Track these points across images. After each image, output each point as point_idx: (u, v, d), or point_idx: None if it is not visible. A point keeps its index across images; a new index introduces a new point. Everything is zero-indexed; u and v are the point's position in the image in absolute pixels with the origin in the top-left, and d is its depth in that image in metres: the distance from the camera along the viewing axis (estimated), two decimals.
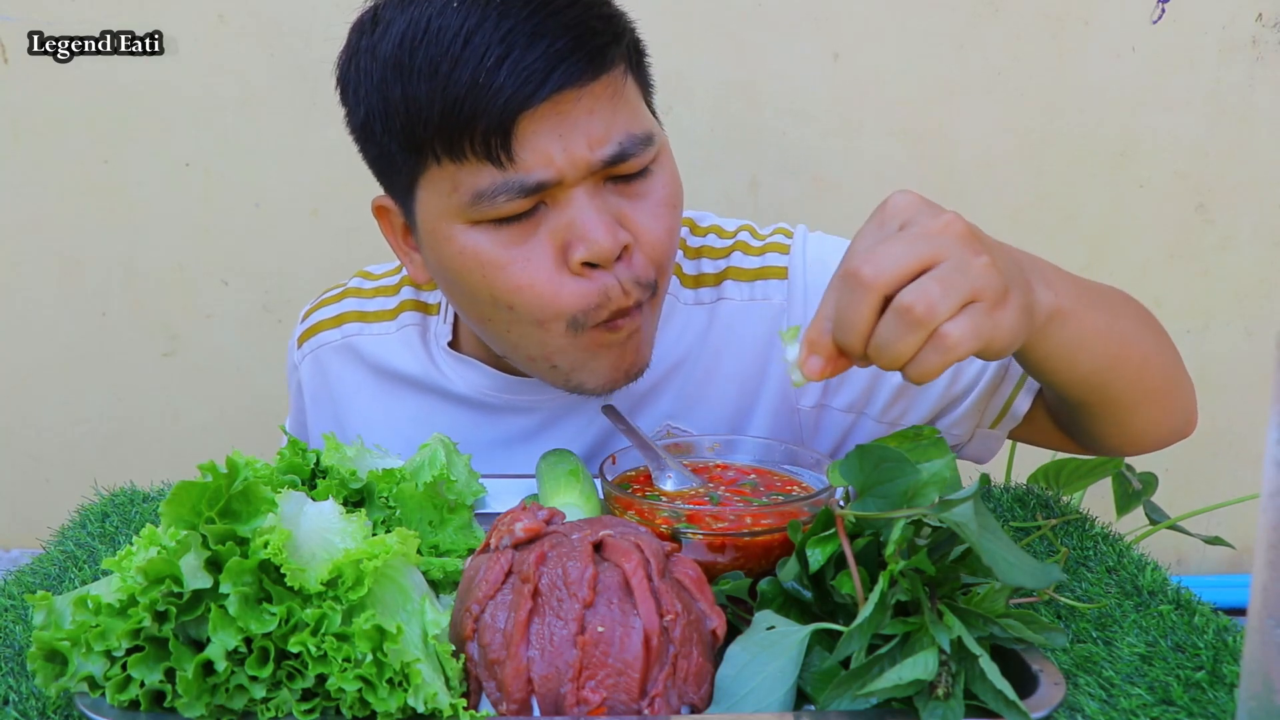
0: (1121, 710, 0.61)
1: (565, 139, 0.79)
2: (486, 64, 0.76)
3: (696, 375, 1.01)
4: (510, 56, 0.76)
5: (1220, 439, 1.88)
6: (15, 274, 1.75)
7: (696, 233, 1.05)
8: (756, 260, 1.01)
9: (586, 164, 0.80)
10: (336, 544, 0.60)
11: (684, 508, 0.72)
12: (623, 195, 0.84)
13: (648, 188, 0.85)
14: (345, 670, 0.54)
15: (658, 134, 0.86)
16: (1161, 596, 0.75)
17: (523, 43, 0.76)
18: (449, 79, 0.77)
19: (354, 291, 1.11)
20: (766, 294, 0.99)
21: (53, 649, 0.56)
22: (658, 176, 0.86)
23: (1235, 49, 1.72)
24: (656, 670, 0.58)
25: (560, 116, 0.78)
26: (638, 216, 0.84)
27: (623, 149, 0.81)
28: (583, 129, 0.79)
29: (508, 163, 0.78)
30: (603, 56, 0.80)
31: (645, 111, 0.87)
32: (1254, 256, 1.80)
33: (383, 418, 1.05)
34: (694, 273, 1.03)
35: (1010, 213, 1.78)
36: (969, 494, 0.58)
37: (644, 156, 0.83)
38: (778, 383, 1.00)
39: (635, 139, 0.82)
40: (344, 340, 1.07)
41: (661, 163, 0.86)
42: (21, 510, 1.85)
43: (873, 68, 1.71)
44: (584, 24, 0.79)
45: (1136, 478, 1.34)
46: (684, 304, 1.01)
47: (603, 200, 0.82)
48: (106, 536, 0.88)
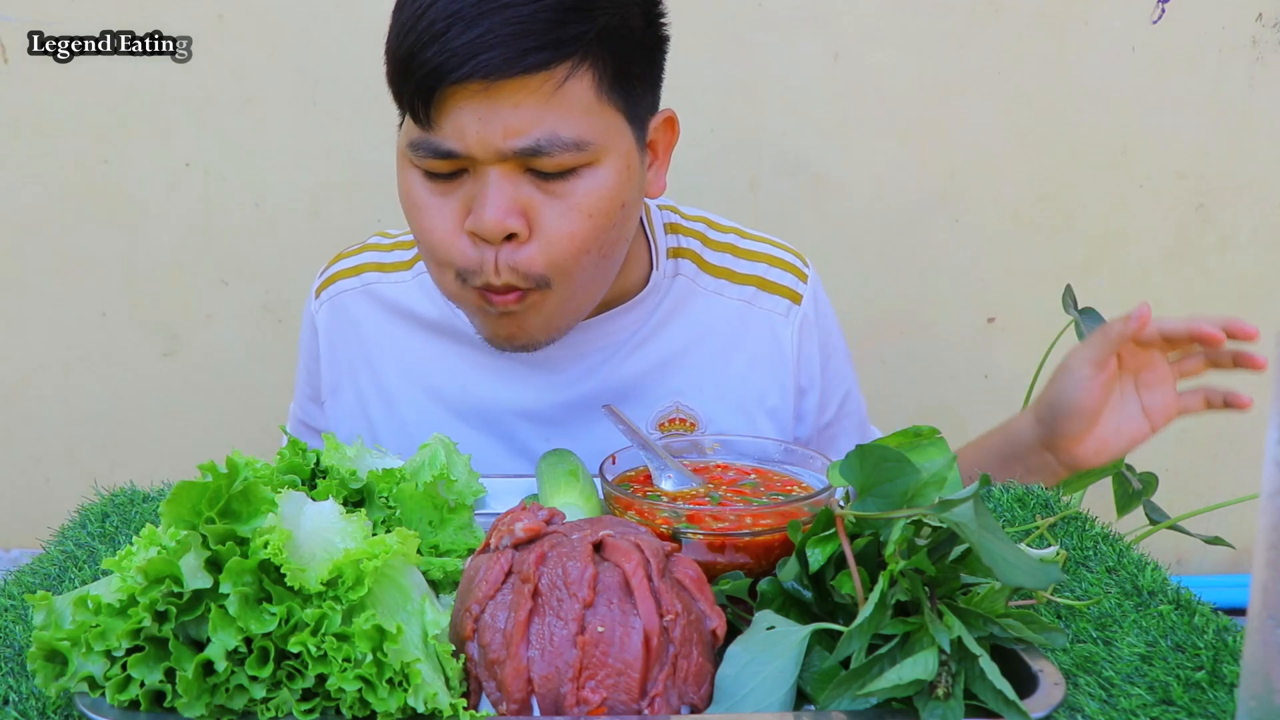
0: (1121, 710, 0.61)
1: (483, 121, 0.83)
2: (425, 37, 0.82)
3: (710, 358, 1.07)
4: (445, 36, 0.81)
5: (1220, 439, 1.88)
6: (15, 274, 1.75)
7: (715, 227, 1.12)
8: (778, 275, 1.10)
9: (496, 149, 0.85)
10: (336, 544, 0.60)
11: (684, 508, 0.72)
12: (539, 188, 0.87)
13: (566, 189, 0.87)
14: (345, 670, 0.54)
15: (599, 142, 0.87)
16: (1161, 596, 0.75)
17: (460, 25, 0.81)
18: (403, 39, 0.84)
19: (372, 246, 1.15)
20: (784, 310, 1.09)
21: (53, 649, 0.56)
22: (583, 182, 0.88)
23: (1235, 49, 1.72)
24: (656, 670, 0.58)
25: (485, 98, 0.83)
26: (546, 213, 0.87)
27: (539, 146, 0.84)
28: (503, 117, 0.83)
29: (428, 126, 0.85)
30: (534, 56, 0.82)
31: (595, 116, 0.87)
32: (1254, 256, 1.80)
33: (403, 357, 1.09)
34: (718, 264, 1.09)
35: (1010, 213, 1.78)
36: (969, 494, 0.58)
37: (565, 159, 0.86)
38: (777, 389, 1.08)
39: (559, 141, 0.85)
40: (364, 287, 1.11)
41: (595, 170, 0.88)
42: (21, 510, 1.85)
43: (873, 68, 1.71)
44: (528, 21, 0.81)
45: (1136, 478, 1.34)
46: (704, 290, 1.08)
47: (514, 186, 0.86)
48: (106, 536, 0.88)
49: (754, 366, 1.08)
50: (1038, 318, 1.78)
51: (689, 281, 1.08)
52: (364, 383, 1.10)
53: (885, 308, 1.80)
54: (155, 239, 1.74)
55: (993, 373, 1.84)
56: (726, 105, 1.71)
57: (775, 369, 1.08)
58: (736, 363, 1.08)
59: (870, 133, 1.74)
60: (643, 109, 0.92)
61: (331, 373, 1.12)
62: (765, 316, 1.08)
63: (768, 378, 1.08)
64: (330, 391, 1.12)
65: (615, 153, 0.89)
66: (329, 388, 1.12)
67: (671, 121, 0.98)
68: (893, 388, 1.82)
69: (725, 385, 1.07)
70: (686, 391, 1.06)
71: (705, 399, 1.06)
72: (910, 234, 1.78)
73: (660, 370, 1.06)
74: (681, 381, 1.07)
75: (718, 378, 1.07)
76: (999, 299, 1.81)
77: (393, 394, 1.09)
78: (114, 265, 1.75)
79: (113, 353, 1.79)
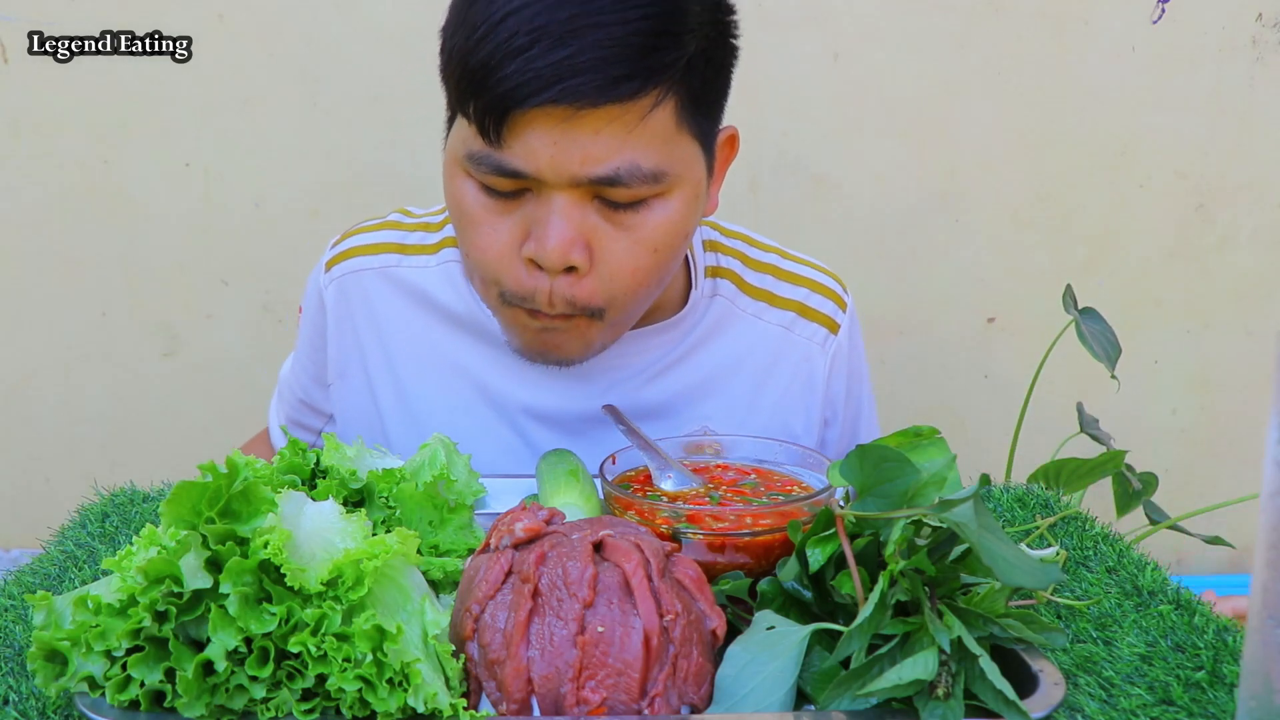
0: (1121, 710, 0.61)
1: (558, 146, 0.78)
2: (507, 49, 0.76)
3: (743, 386, 1.04)
4: (528, 53, 0.75)
5: (1220, 439, 1.88)
6: (15, 274, 1.75)
7: (755, 246, 1.09)
8: (819, 303, 1.07)
9: (570, 175, 0.80)
10: (336, 544, 0.60)
11: (684, 508, 0.72)
12: (606, 218, 0.83)
13: (636, 221, 0.83)
14: (345, 670, 0.54)
15: (675, 172, 0.83)
16: (1161, 596, 0.75)
17: (546, 42, 0.75)
18: (476, 47, 0.77)
19: (393, 224, 1.08)
20: (821, 339, 1.06)
21: (53, 649, 0.56)
22: (654, 214, 0.83)
23: (1235, 49, 1.72)
24: (656, 670, 0.58)
25: (560, 124, 0.77)
26: (611, 245, 0.83)
27: (618, 175, 0.80)
28: (581, 144, 0.78)
29: (496, 143, 0.79)
30: (624, 85, 0.76)
31: (674, 145, 0.82)
32: (1254, 256, 1.80)
33: (421, 346, 1.03)
34: (759, 285, 1.05)
35: (1010, 213, 1.78)
36: (969, 494, 0.58)
37: (641, 190, 0.81)
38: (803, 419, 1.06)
39: (638, 172, 0.80)
40: (383, 269, 1.05)
41: (666, 201, 0.84)
42: (21, 510, 1.85)
43: (873, 68, 1.71)
44: (620, 45, 0.75)
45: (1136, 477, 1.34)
46: (743, 312, 1.05)
47: (581, 214, 0.82)
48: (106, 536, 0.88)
49: (786, 395, 1.05)
50: (1038, 318, 1.78)
51: (728, 303, 1.04)
52: (375, 368, 1.04)
53: (885, 308, 1.80)
54: (155, 239, 1.74)
55: (993, 373, 1.84)
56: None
57: (805, 399, 1.06)
58: (769, 391, 1.04)
59: (870, 133, 1.74)
60: (714, 131, 0.88)
61: (340, 355, 1.06)
62: (802, 345, 1.05)
63: (797, 407, 1.06)
64: (338, 375, 1.06)
65: (688, 182, 0.85)
66: (336, 370, 1.06)
67: (733, 139, 0.93)
68: (893, 388, 1.82)
69: (755, 413, 1.04)
70: (716, 417, 1.03)
71: (735, 424, 1.03)
72: (910, 234, 1.78)
73: (691, 393, 1.03)
74: (712, 407, 1.03)
75: (750, 405, 1.04)
76: (999, 299, 1.81)
77: (407, 384, 1.03)
78: (114, 265, 1.75)
79: (113, 353, 1.79)
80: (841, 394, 1.08)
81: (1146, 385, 1.84)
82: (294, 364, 1.13)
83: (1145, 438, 1.82)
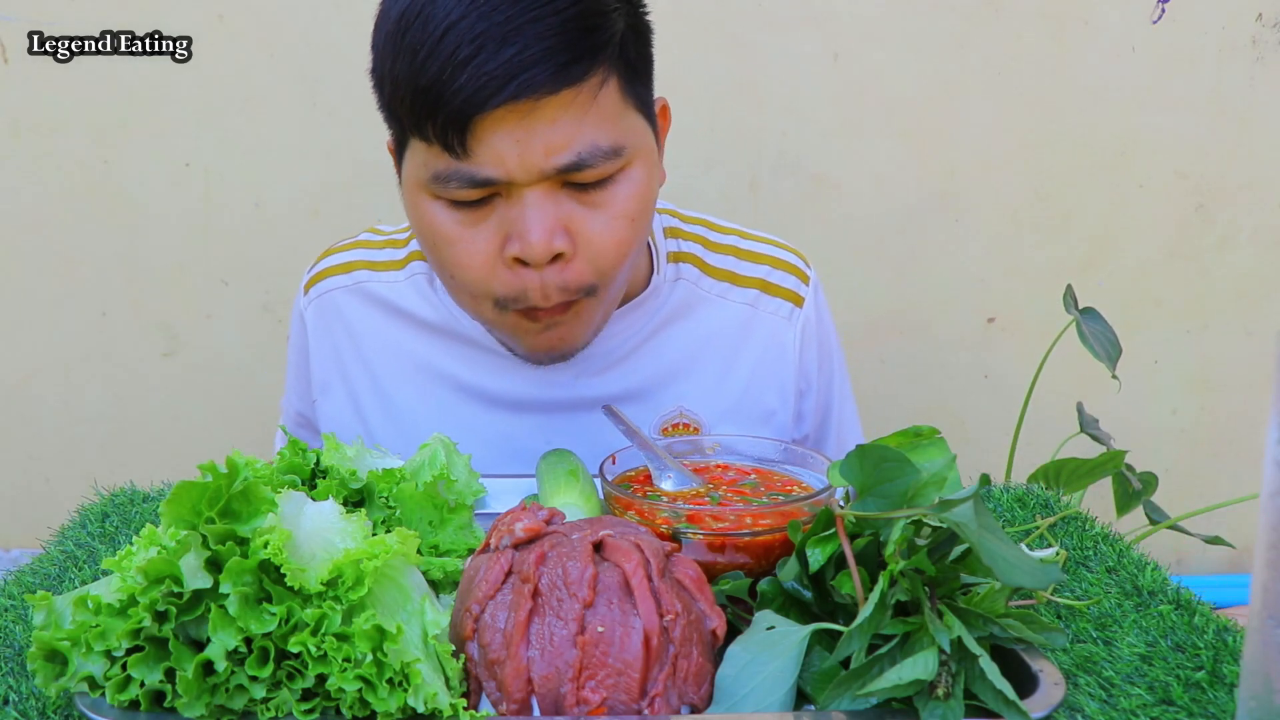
0: (1121, 710, 0.61)
1: (522, 144, 0.81)
2: (454, 61, 0.78)
3: (714, 364, 1.07)
4: (476, 59, 0.78)
5: (1220, 439, 1.88)
6: (15, 274, 1.75)
7: (715, 229, 1.11)
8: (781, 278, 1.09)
9: (539, 170, 0.82)
10: (336, 544, 0.60)
11: (684, 508, 0.72)
12: (578, 201, 0.85)
13: (606, 198, 0.86)
14: (345, 670, 0.54)
15: (630, 144, 0.86)
16: (1161, 596, 0.75)
17: (492, 46, 0.77)
18: (422, 68, 0.79)
19: (363, 243, 1.13)
20: (787, 313, 1.09)
21: (53, 649, 0.56)
22: (621, 187, 0.86)
23: (1235, 49, 1.72)
24: (656, 670, 0.58)
25: (520, 120, 0.80)
26: (589, 224, 0.86)
27: (581, 159, 0.82)
28: (542, 136, 0.81)
29: (463, 155, 0.81)
30: (573, 69, 0.79)
31: (623, 120, 0.86)
32: (1254, 256, 1.80)
33: (400, 355, 1.07)
34: (721, 266, 1.08)
35: (1010, 213, 1.78)
36: (969, 494, 0.58)
37: (605, 168, 0.84)
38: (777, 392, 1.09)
39: (599, 151, 0.83)
40: (355, 285, 1.09)
41: (629, 173, 0.87)
42: (21, 510, 1.85)
43: (873, 68, 1.71)
44: (560, 33, 0.79)
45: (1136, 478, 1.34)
46: (708, 294, 1.07)
47: (554, 203, 0.84)
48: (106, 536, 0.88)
49: (757, 371, 1.08)
50: (1038, 318, 1.78)
51: (691, 285, 1.07)
52: (357, 380, 1.09)
53: (885, 308, 1.80)
54: (155, 239, 1.74)
55: (993, 373, 1.84)
56: (727, 105, 1.71)
57: (777, 373, 1.09)
58: (740, 368, 1.08)
59: (870, 133, 1.74)
60: (651, 102, 0.92)
61: (321, 371, 1.11)
62: (769, 320, 1.08)
63: (770, 382, 1.08)
64: (320, 390, 1.11)
65: (643, 151, 0.88)
66: (319, 386, 1.11)
67: (666, 109, 0.97)
68: (892, 388, 1.82)
69: (728, 390, 1.07)
70: (690, 396, 1.06)
71: (708, 404, 1.06)
72: (910, 234, 1.78)
73: (664, 375, 1.06)
74: (686, 386, 1.07)
75: (721, 383, 1.07)
76: (999, 299, 1.81)
77: (389, 392, 1.08)
78: (114, 265, 1.75)
79: (113, 353, 1.79)
80: (814, 363, 1.11)
81: (1146, 385, 1.85)
82: (286, 388, 1.18)
83: (1145, 438, 1.82)
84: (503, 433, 1.06)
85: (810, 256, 1.15)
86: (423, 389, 1.07)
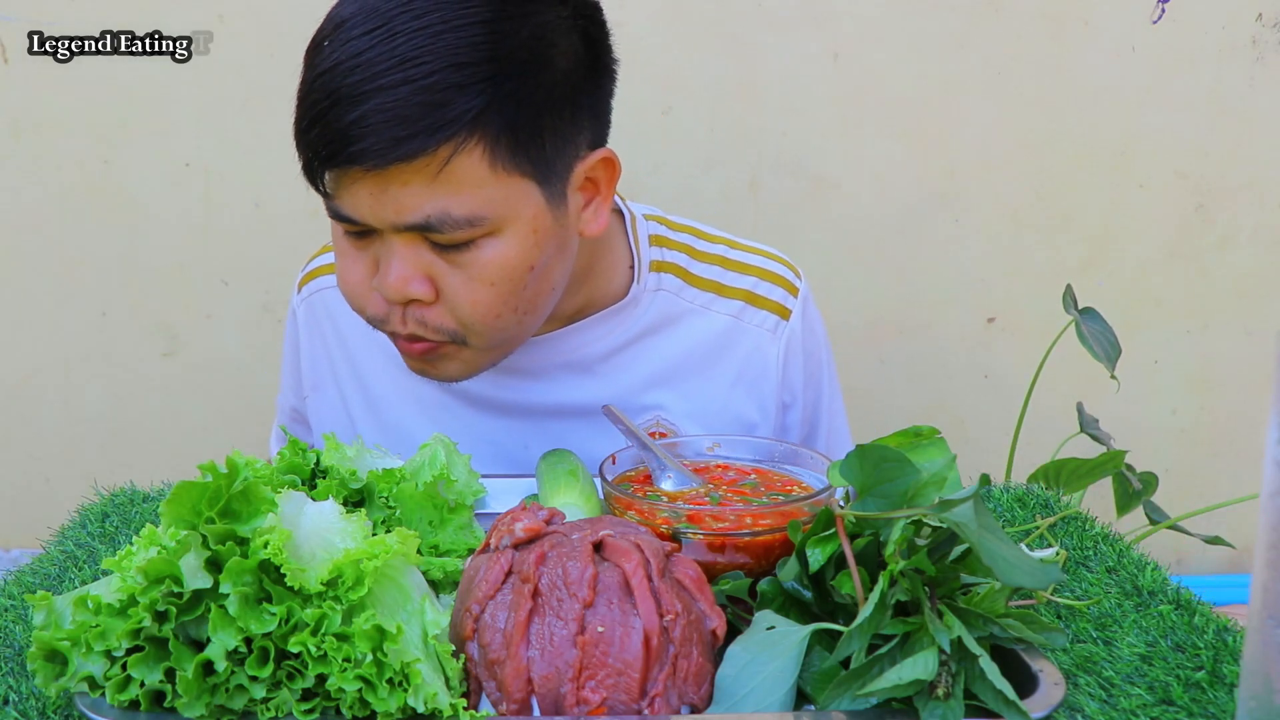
0: (1122, 710, 0.61)
1: (375, 199, 0.82)
2: (311, 113, 0.80)
3: (693, 376, 1.06)
4: (328, 115, 0.79)
5: (1220, 439, 1.88)
6: (15, 274, 1.75)
7: (703, 238, 1.10)
8: (768, 290, 1.08)
9: (392, 224, 0.83)
10: (336, 544, 0.60)
11: (684, 508, 0.72)
12: (441, 256, 0.85)
13: (466, 259, 0.85)
14: (345, 670, 0.54)
15: (495, 214, 0.83)
16: (1161, 596, 0.75)
17: (344, 105, 0.78)
18: (300, 104, 0.82)
19: None
20: (772, 326, 1.08)
21: (53, 649, 0.56)
22: (484, 252, 0.85)
23: (1235, 49, 1.72)
24: (656, 670, 0.58)
25: (374, 177, 0.81)
26: (450, 281, 0.86)
27: (429, 224, 0.82)
28: (393, 195, 0.81)
29: (326, 193, 0.84)
30: (408, 143, 0.78)
31: (488, 188, 0.82)
32: (1254, 256, 1.80)
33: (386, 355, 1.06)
34: (705, 276, 1.07)
35: (1010, 213, 1.78)
36: (969, 494, 0.58)
37: (459, 234, 0.83)
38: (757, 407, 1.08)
39: (449, 220, 0.82)
40: None
41: (496, 240, 0.85)
42: (21, 510, 1.85)
43: (873, 68, 1.71)
44: (404, 105, 0.77)
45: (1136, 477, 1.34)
46: (690, 304, 1.06)
47: (415, 253, 0.85)
48: (106, 536, 0.88)
49: (736, 385, 1.07)
50: (1038, 318, 1.78)
51: (672, 297, 1.06)
52: (344, 379, 1.10)
53: (885, 308, 1.80)
54: (155, 239, 1.74)
55: (993, 373, 1.84)
56: (726, 105, 1.71)
57: (758, 387, 1.07)
58: (719, 381, 1.06)
59: (870, 133, 1.74)
60: (561, 163, 0.87)
61: (312, 369, 1.11)
62: (752, 333, 1.07)
63: (749, 396, 1.07)
64: (311, 388, 1.12)
65: (518, 220, 0.85)
66: (310, 384, 1.12)
67: (610, 162, 0.92)
68: (892, 388, 1.82)
69: (706, 403, 1.06)
70: (667, 407, 1.05)
71: (687, 413, 1.05)
72: (910, 234, 1.78)
73: (642, 383, 1.05)
74: (664, 395, 1.05)
75: (700, 393, 1.06)
76: (999, 299, 1.81)
77: (375, 392, 1.08)
78: (114, 265, 1.75)
79: (113, 353, 1.79)
80: (799, 377, 1.09)
81: (1146, 385, 1.84)
82: (282, 381, 1.19)
83: (1145, 438, 1.82)
84: (483, 435, 1.06)
85: (810, 256, 1.14)
86: (407, 390, 1.07)
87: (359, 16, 0.80)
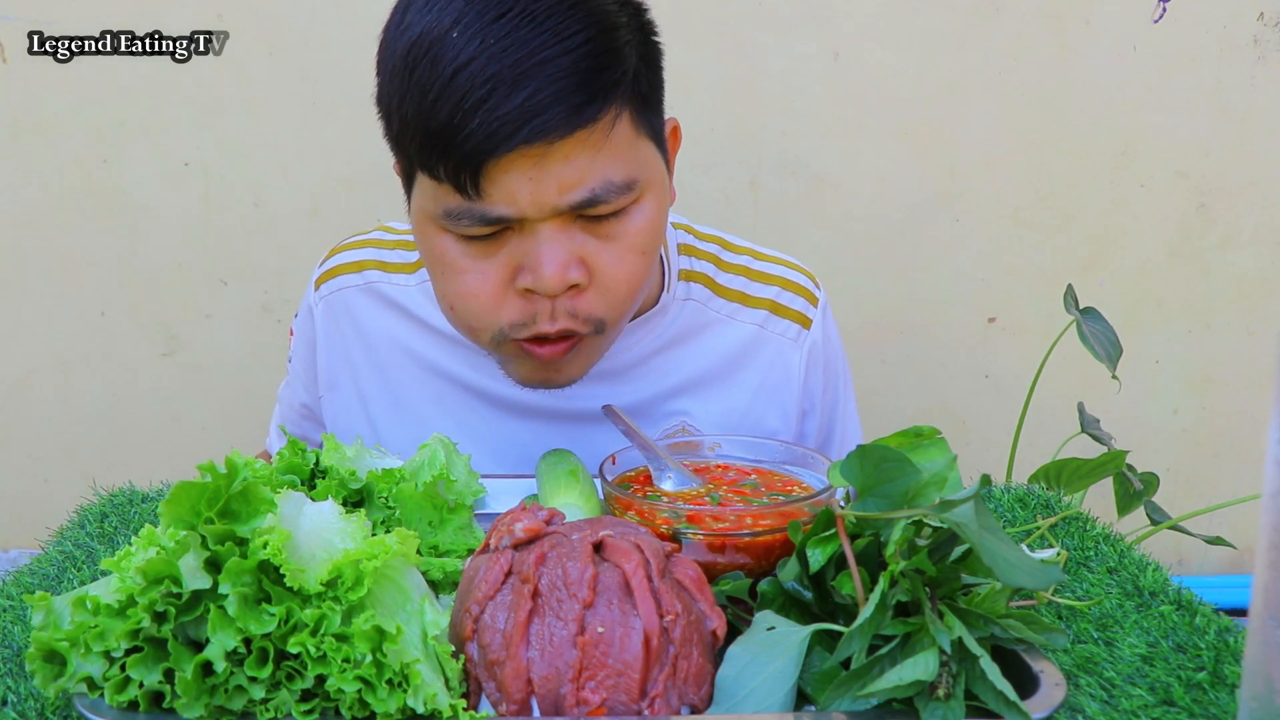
0: (1123, 711, 0.61)
1: (535, 183, 0.80)
2: (465, 105, 0.77)
3: (719, 384, 1.07)
4: (488, 103, 0.76)
5: (1221, 439, 1.88)
6: (15, 274, 1.75)
7: (729, 249, 1.11)
8: (791, 299, 1.09)
9: (552, 207, 0.81)
10: (336, 544, 0.60)
11: (684, 508, 0.72)
12: (591, 234, 0.85)
13: (619, 230, 0.85)
14: (345, 671, 0.54)
15: (643, 176, 0.85)
16: (1163, 597, 0.75)
17: (504, 89, 0.76)
18: (432, 109, 0.78)
19: (375, 242, 1.12)
20: (794, 335, 1.09)
21: (51, 650, 0.56)
22: (634, 219, 0.85)
23: (1236, 48, 1.72)
24: (656, 671, 0.58)
25: (534, 161, 0.79)
26: (602, 257, 0.85)
27: (594, 195, 0.82)
28: (555, 175, 0.80)
29: (475, 196, 0.80)
30: (587, 109, 0.78)
31: (636, 152, 0.85)
32: (1255, 256, 1.80)
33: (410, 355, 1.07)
34: (731, 286, 1.08)
35: (1010, 213, 1.78)
36: (970, 494, 0.57)
37: (619, 202, 0.83)
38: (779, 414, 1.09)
39: (612, 187, 0.82)
40: (366, 285, 1.09)
41: (641, 206, 0.86)
42: (21, 510, 1.85)
43: (873, 68, 1.71)
44: (573, 74, 0.77)
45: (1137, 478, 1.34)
46: (717, 314, 1.07)
47: (568, 237, 0.83)
48: (105, 537, 0.88)
49: (760, 392, 1.08)
50: (1038, 318, 1.78)
51: (700, 306, 1.07)
52: (366, 380, 1.09)
53: (886, 307, 1.80)
54: (155, 239, 1.74)
55: (993, 373, 1.84)
56: (726, 105, 1.71)
57: (780, 395, 1.08)
58: (743, 387, 1.07)
59: (870, 133, 1.74)
60: (662, 127, 0.91)
61: (329, 368, 1.10)
62: (775, 341, 1.08)
63: (771, 404, 1.08)
64: (328, 387, 1.10)
65: (655, 181, 0.87)
66: (326, 383, 1.11)
67: (677, 129, 0.96)
68: (893, 388, 1.82)
69: (729, 410, 1.07)
70: (693, 414, 1.06)
71: (711, 421, 1.06)
72: (910, 234, 1.78)
73: (668, 391, 1.06)
74: (689, 403, 1.06)
75: (724, 401, 1.07)
76: (999, 299, 1.81)
77: (399, 392, 1.07)
78: (114, 265, 1.75)
79: (112, 353, 1.79)
80: (819, 385, 1.11)
81: (1147, 385, 1.84)
82: (290, 378, 1.17)
83: (1146, 438, 1.82)
84: (509, 436, 1.06)
85: (810, 256, 1.15)
86: (431, 390, 1.07)
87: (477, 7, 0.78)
